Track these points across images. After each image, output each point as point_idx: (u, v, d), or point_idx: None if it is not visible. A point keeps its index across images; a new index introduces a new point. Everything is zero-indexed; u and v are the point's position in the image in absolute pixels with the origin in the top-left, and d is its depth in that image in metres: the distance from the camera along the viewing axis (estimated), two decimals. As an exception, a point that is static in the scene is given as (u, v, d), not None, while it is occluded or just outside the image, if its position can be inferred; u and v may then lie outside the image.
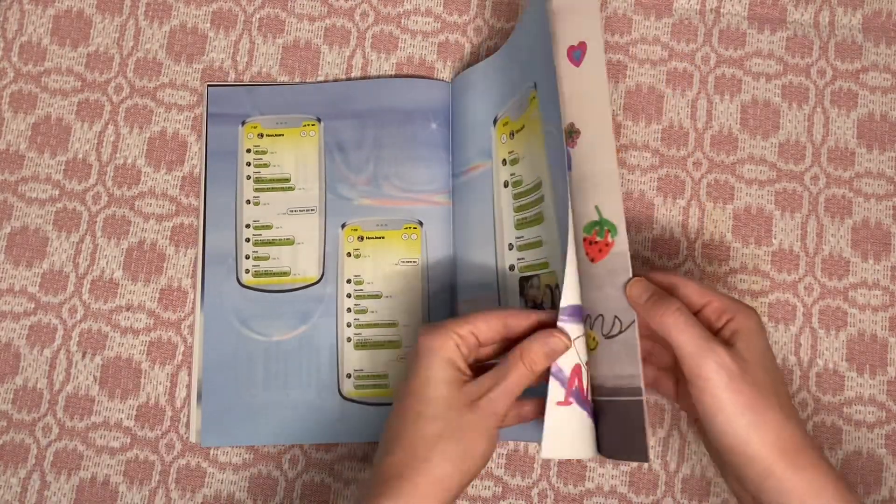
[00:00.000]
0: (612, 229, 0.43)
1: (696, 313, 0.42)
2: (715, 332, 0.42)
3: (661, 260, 0.54)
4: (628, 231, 0.53)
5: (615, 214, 0.42)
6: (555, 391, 0.42)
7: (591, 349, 0.43)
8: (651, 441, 0.44)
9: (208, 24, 0.57)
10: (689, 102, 0.56)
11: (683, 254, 0.54)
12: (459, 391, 0.41)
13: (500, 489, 0.52)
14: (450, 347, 0.41)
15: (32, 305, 0.53)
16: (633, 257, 0.51)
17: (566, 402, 0.42)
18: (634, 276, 0.42)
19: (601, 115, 0.42)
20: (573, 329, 0.42)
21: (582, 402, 0.42)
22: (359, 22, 0.57)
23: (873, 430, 0.52)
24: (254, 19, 0.57)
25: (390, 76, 0.56)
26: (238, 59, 0.56)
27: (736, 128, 0.55)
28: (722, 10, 0.57)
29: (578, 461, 0.52)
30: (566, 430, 0.42)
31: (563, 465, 0.52)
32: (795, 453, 0.39)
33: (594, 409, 0.43)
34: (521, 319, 0.43)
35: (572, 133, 0.43)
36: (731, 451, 0.39)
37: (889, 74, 0.56)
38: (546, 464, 0.52)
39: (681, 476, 0.51)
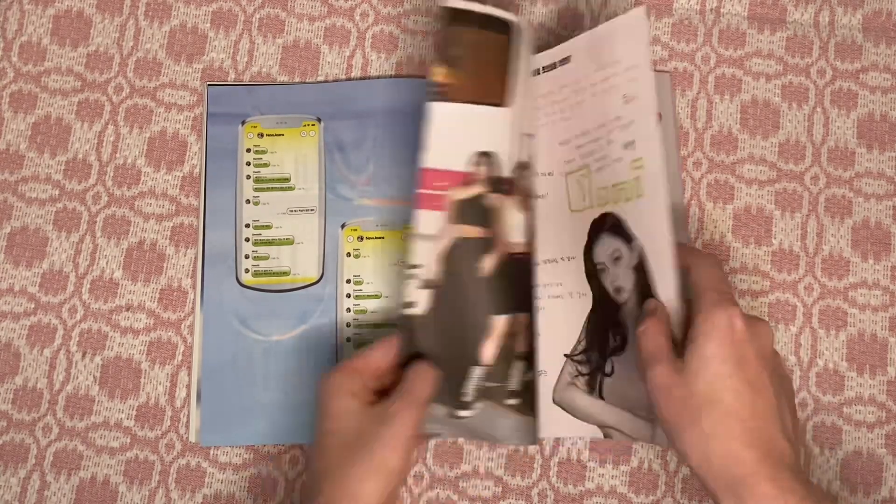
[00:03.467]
0: None
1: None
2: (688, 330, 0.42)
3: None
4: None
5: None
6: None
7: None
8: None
9: (208, 24, 0.57)
10: (690, 102, 0.56)
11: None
12: (366, 415, 0.43)
13: (500, 489, 0.52)
14: (349, 382, 0.44)
15: (32, 305, 0.53)
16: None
17: None
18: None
19: (673, 170, 0.52)
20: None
21: None
22: (359, 22, 0.57)
23: (873, 430, 0.52)
24: (254, 19, 0.57)
25: (390, 76, 0.56)
26: (238, 59, 0.56)
27: (736, 128, 0.55)
28: (722, 10, 0.57)
29: (578, 461, 0.52)
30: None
31: (563, 464, 0.52)
32: (749, 466, 0.38)
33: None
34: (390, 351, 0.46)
35: None
36: (684, 460, 0.40)
37: (889, 74, 0.56)
38: (546, 464, 0.52)
39: (681, 476, 0.51)
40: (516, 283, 0.47)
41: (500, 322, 0.46)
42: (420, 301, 0.45)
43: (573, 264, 0.49)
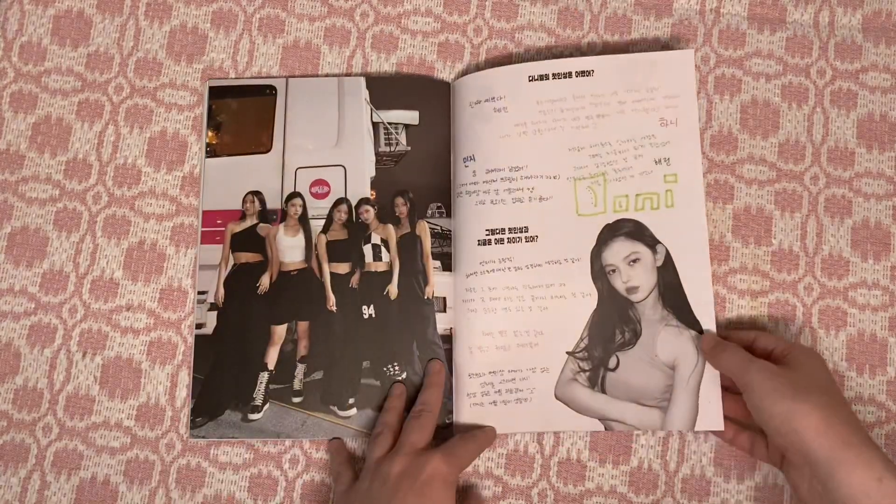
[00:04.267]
0: None
1: (769, 355, 0.48)
2: (777, 363, 0.47)
3: (660, 260, 0.54)
4: (628, 231, 0.53)
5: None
6: None
7: None
8: None
9: (208, 24, 0.57)
10: (689, 102, 0.55)
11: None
12: None
13: (501, 489, 0.52)
14: (452, 472, 0.47)
15: (33, 305, 0.53)
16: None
17: None
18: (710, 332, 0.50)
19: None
20: None
21: None
22: (359, 22, 0.57)
23: (873, 430, 0.52)
24: (254, 19, 0.57)
25: (390, 76, 0.56)
26: (238, 59, 0.56)
27: (736, 128, 0.55)
28: (722, 10, 0.57)
29: (578, 461, 0.52)
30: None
31: (563, 465, 0.52)
32: (839, 435, 0.42)
33: None
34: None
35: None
36: (777, 433, 0.44)
37: (889, 74, 0.56)
38: (546, 463, 0.52)
39: (681, 476, 0.51)
40: (293, 296, 0.53)
41: (280, 329, 0.53)
42: (209, 322, 0.53)
43: (577, 266, 0.51)
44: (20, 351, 0.53)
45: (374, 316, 0.53)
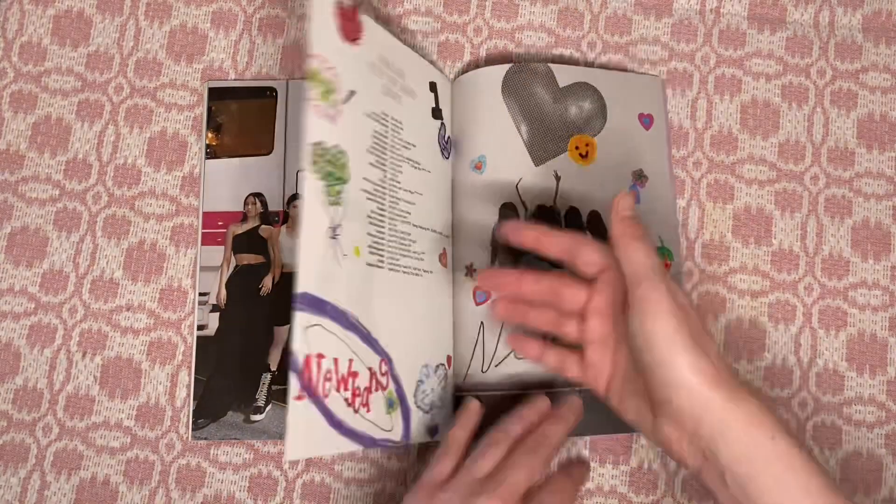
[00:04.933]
0: (670, 255, 0.53)
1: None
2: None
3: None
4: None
5: (673, 244, 0.53)
6: (293, 385, 0.40)
7: None
8: None
9: (208, 24, 0.57)
10: (690, 102, 0.56)
11: (683, 253, 0.54)
12: None
13: (500, 489, 0.51)
14: None
15: (32, 305, 0.53)
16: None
17: (300, 398, 0.40)
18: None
19: (666, 172, 0.54)
20: (304, 318, 0.41)
21: (312, 395, 0.41)
22: (359, 22, 0.57)
23: (873, 430, 0.52)
24: (254, 19, 0.57)
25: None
26: (238, 59, 0.56)
27: (736, 128, 0.55)
28: (722, 10, 0.57)
29: (578, 461, 0.52)
30: (302, 428, 0.40)
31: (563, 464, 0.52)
32: (727, 389, 0.38)
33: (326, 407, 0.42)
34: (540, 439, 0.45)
35: (641, 177, 0.54)
36: (669, 384, 0.39)
37: (889, 74, 0.56)
38: (546, 464, 0.52)
39: (681, 476, 0.51)
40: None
41: (282, 331, 0.53)
42: (210, 323, 0.53)
43: None
44: (20, 351, 0.53)
45: None
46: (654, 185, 0.54)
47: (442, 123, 0.54)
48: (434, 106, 0.54)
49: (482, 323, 0.51)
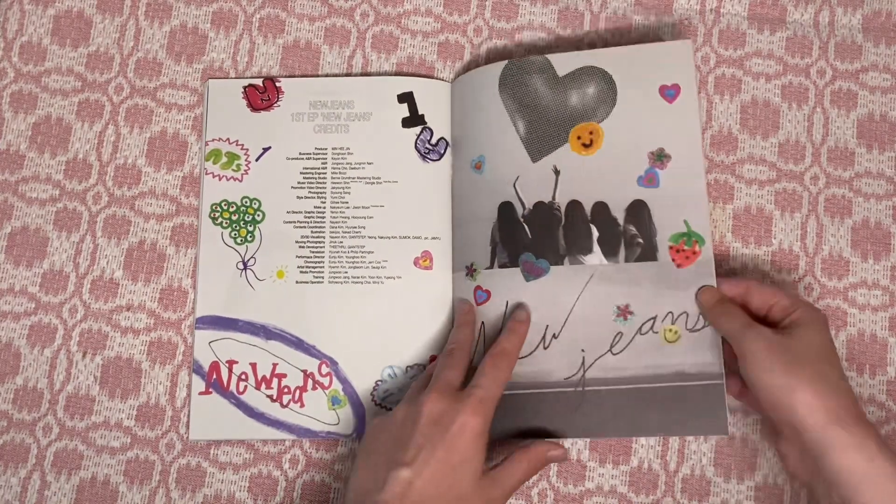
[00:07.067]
0: (700, 240, 0.50)
1: (766, 313, 0.48)
2: (777, 325, 0.47)
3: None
4: (628, 231, 0.53)
5: (702, 228, 0.50)
6: (196, 384, 0.52)
7: (670, 342, 0.49)
8: (728, 418, 0.48)
9: (208, 24, 0.57)
10: (689, 102, 0.56)
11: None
12: (481, 483, 0.44)
13: (500, 489, 0.51)
14: (486, 432, 0.45)
15: (33, 305, 0.53)
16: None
17: (206, 392, 0.52)
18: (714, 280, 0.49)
19: (695, 148, 0.51)
20: (208, 335, 0.52)
21: (223, 392, 0.52)
22: (359, 22, 0.57)
23: (873, 430, 0.52)
24: (254, 19, 0.57)
25: (390, 75, 0.56)
26: (238, 59, 0.56)
27: (736, 128, 0.55)
28: (722, 10, 0.57)
29: (578, 461, 0.52)
30: (209, 416, 0.52)
31: (563, 465, 0.52)
32: (832, 412, 0.42)
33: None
34: (515, 354, 0.49)
35: (662, 157, 0.51)
36: (770, 406, 0.44)
37: (889, 74, 0.56)
38: (546, 464, 0.52)
39: (681, 476, 0.51)
40: None
41: None
42: None
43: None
44: (20, 351, 0.53)
45: None
46: (678, 164, 0.51)
47: (424, 129, 0.54)
48: (407, 116, 0.54)
49: (483, 323, 0.51)
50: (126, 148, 0.55)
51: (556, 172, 0.52)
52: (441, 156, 0.54)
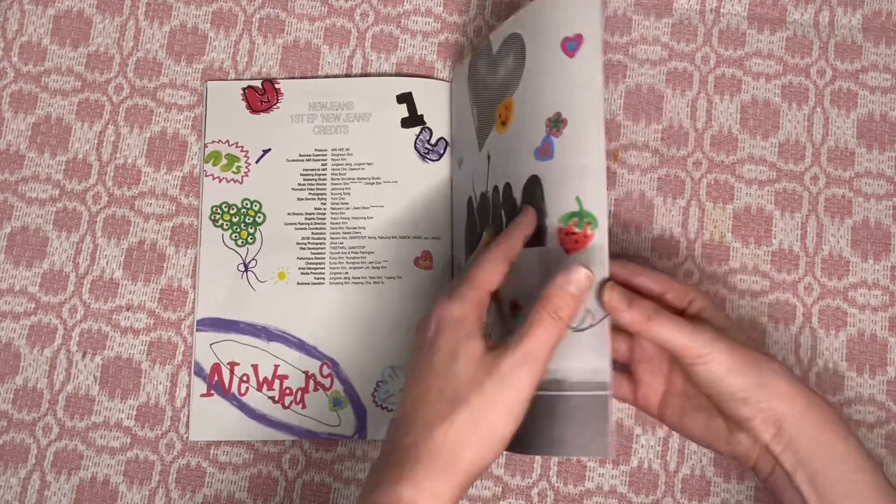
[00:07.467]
0: (593, 221, 0.41)
1: (660, 299, 0.44)
2: (681, 312, 0.44)
3: (660, 260, 0.54)
4: (628, 231, 0.53)
5: (597, 206, 0.41)
6: (196, 385, 0.52)
7: None
8: (611, 437, 0.43)
9: (208, 24, 0.57)
10: (689, 102, 0.56)
11: (683, 254, 0.54)
12: (481, 365, 0.38)
13: (500, 489, 0.52)
14: (472, 318, 0.39)
15: (32, 305, 0.53)
16: (632, 257, 0.52)
17: (208, 395, 0.52)
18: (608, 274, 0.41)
19: (592, 108, 0.41)
20: (208, 336, 0.53)
21: (224, 394, 0.52)
22: (359, 22, 0.57)
23: (873, 430, 0.52)
24: (254, 19, 0.57)
25: (390, 75, 0.56)
26: (238, 59, 0.56)
27: (736, 128, 0.55)
28: (722, 10, 0.57)
29: (578, 461, 0.52)
30: (211, 417, 0.52)
31: (563, 465, 0.52)
32: (802, 396, 0.41)
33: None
34: (515, 241, 0.42)
35: (558, 123, 0.42)
36: (745, 404, 0.40)
37: (889, 74, 0.56)
38: (546, 463, 0.52)
39: (681, 476, 0.51)
40: None
41: None
42: None
43: None
44: (20, 351, 0.53)
45: None
46: (574, 130, 0.41)
47: (423, 129, 0.54)
48: (406, 116, 0.54)
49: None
50: (126, 148, 0.55)
51: (488, 158, 0.48)
52: (440, 156, 0.54)
